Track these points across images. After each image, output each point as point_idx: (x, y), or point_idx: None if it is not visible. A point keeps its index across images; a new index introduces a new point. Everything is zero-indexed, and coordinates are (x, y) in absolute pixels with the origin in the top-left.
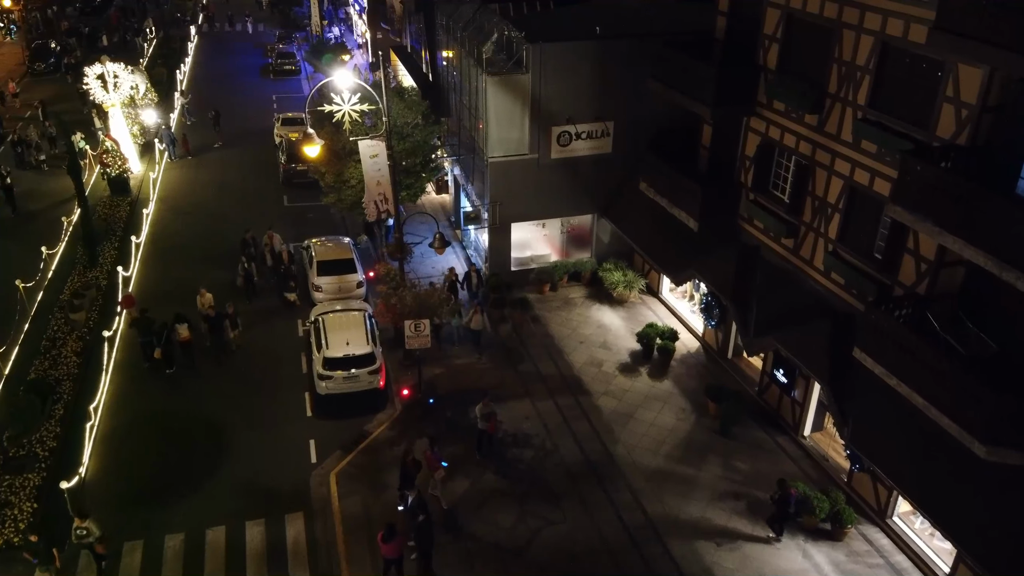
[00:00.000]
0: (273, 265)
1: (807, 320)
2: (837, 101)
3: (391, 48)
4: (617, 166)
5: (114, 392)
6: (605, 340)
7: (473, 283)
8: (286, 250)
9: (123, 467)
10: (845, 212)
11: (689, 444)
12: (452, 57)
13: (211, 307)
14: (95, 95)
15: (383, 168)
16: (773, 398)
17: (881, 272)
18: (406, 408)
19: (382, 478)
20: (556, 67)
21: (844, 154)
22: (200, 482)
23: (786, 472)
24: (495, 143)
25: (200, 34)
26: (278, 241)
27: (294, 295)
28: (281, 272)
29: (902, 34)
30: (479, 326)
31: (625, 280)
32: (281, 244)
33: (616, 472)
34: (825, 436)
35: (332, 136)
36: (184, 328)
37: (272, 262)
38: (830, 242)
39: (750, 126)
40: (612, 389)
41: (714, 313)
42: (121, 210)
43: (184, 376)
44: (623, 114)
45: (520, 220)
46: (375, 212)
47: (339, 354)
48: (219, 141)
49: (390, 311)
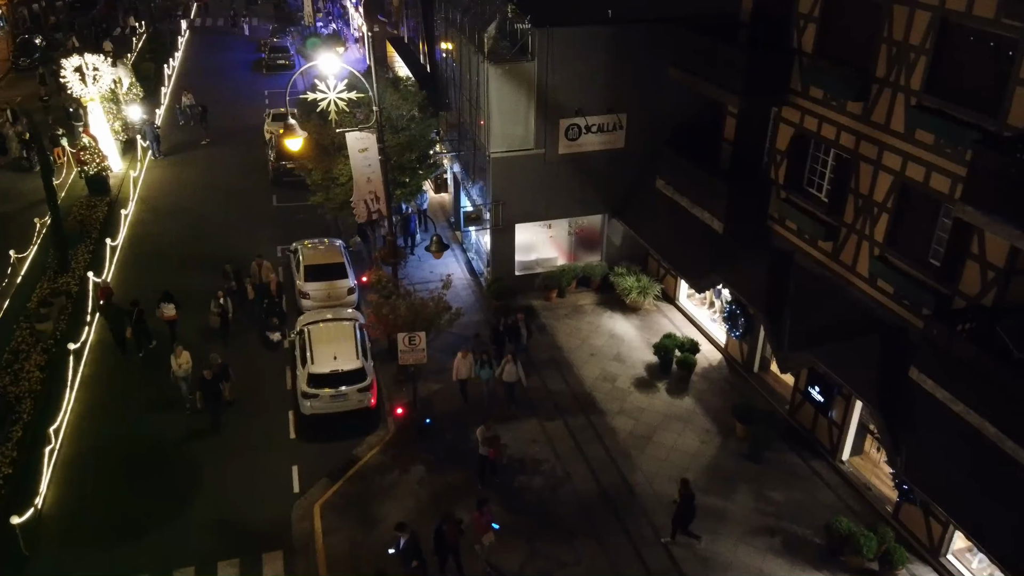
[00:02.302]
0: (257, 298)
1: (850, 334)
2: (886, 87)
3: (388, 40)
4: (630, 163)
5: (79, 411)
6: (618, 352)
7: (523, 334)
8: (275, 280)
9: (85, 498)
10: (895, 212)
11: (715, 471)
12: (451, 47)
13: (190, 367)
14: (73, 89)
15: (374, 163)
16: (807, 418)
17: (939, 281)
18: (400, 429)
19: (372, 511)
20: (564, 54)
21: (894, 146)
22: (169, 515)
23: (825, 503)
24: (498, 137)
25: (192, 28)
26: (268, 270)
27: (278, 334)
28: (265, 306)
29: (965, 8)
30: (513, 377)
31: (639, 286)
32: (271, 273)
33: (635, 504)
34: (866, 461)
35: (319, 129)
36: (170, 308)
37: (255, 295)
38: (877, 246)
39: (782, 116)
40: (628, 407)
41: (739, 323)
42: (98, 211)
43: (155, 396)
44: (638, 106)
45: (525, 221)
46: (365, 212)
47: (325, 370)
48: (206, 138)
49: (382, 322)
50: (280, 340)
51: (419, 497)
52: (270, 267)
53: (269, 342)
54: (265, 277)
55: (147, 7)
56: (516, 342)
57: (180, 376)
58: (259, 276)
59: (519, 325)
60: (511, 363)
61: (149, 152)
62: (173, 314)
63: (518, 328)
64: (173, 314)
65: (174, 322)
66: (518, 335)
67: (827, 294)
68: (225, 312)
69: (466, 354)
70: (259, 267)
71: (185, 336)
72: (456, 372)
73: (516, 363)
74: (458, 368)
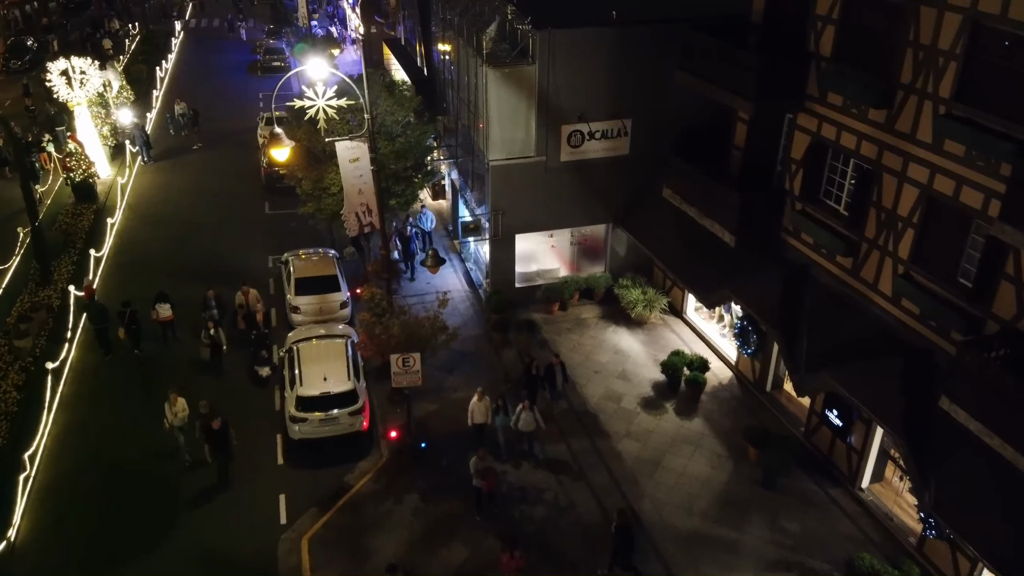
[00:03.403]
0: (245, 329)
1: (872, 356)
2: (912, 93)
3: (384, 42)
4: (635, 170)
5: (56, 435)
6: (624, 369)
7: (559, 379)
8: (262, 310)
9: (60, 529)
10: (921, 227)
11: (728, 499)
12: (449, 49)
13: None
14: (59, 93)
15: (365, 174)
16: (823, 442)
17: (970, 302)
18: (394, 454)
19: (364, 544)
20: (567, 57)
21: (921, 157)
22: (149, 547)
23: (844, 534)
24: (497, 144)
25: (187, 30)
26: (254, 298)
27: (267, 368)
28: (254, 338)
29: (1000, 10)
30: (530, 427)
31: (645, 299)
32: (258, 302)
33: (643, 536)
34: (887, 489)
35: (310, 136)
36: (165, 308)
37: (245, 325)
38: (901, 263)
39: (798, 124)
40: (634, 430)
41: (751, 339)
42: (84, 219)
43: (135, 418)
44: (643, 111)
45: (525, 231)
46: (356, 225)
47: (315, 392)
48: (198, 143)
49: (374, 342)
50: (269, 375)
51: (413, 529)
52: (257, 296)
53: (257, 377)
54: (252, 307)
55: (140, 8)
56: (551, 388)
57: (176, 426)
58: (245, 305)
59: (555, 369)
60: (527, 411)
61: (139, 158)
62: (169, 315)
63: (553, 372)
64: (169, 315)
65: (170, 324)
66: (553, 380)
67: (846, 313)
68: (217, 344)
69: (481, 396)
70: (245, 296)
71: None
72: (471, 416)
73: (533, 411)
74: (473, 412)
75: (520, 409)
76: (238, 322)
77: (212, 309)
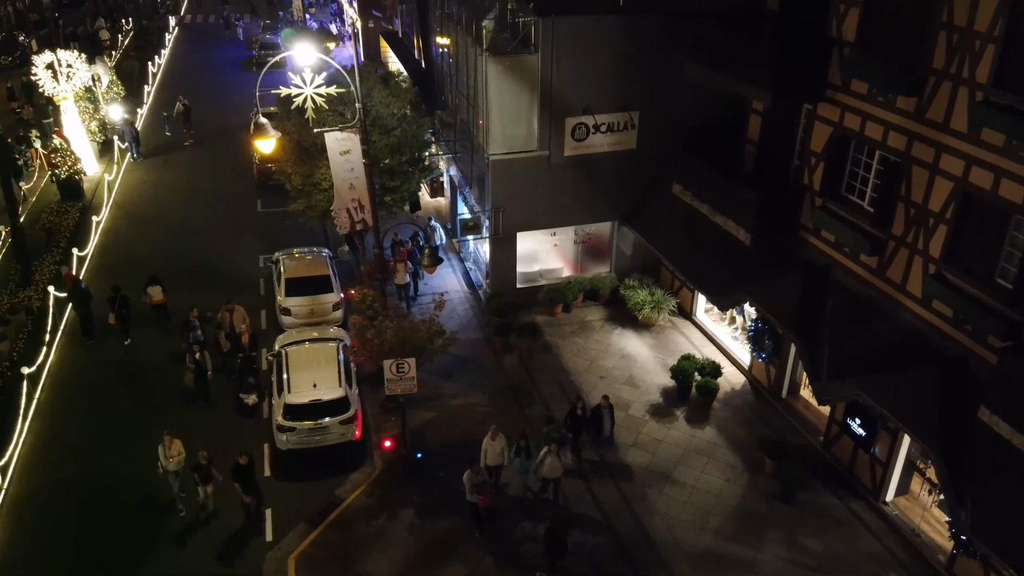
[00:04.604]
0: (231, 351)
1: (901, 363)
2: (945, 79)
3: (381, 35)
4: (643, 166)
5: (32, 444)
6: (631, 375)
7: (607, 425)
8: (248, 331)
9: (32, 549)
10: (955, 224)
11: (743, 515)
12: (448, 41)
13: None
14: (45, 87)
15: (357, 168)
16: (844, 453)
17: (1009, 305)
18: (388, 465)
19: (356, 563)
20: (571, 46)
21: (955, 148)
22: (126, 566)
23: (868, 552)
24: (497, 138)
25: (182, 26)
26: (240, 318)
27: (253, 396)
28: (240, 362)
29: None
30: (556, 471)
31: (652, 300)
32: (243, 322)
33: (654, 556)
34: (913, 503)
35: (300, 129)
36: (156, 290)
37: (230, 347)
38: (932, 262)
39: (819, 114)
40: (643, 440)
41: (765, 343)
42: (69, 217)
43: (116, 428)
44: (651, 104)
45: (527, 229)
46: (348, 223)
47: (304, 399)
48: (189, 139)
49: (366, 348)
50: (257, 403)
51: (408, 547)
52: (243, 315)
53: (244, 407)
54: (237, 328)
55: (133, 5)
56: (597, 433)
57: (172, 470)
58: (229, 326)
59: (602, 412)
60: (553, 455)
61: (128, 154)
62: (161, 298)
63: (600, 414)
64: (161, 298)
65: (162, 307)
66: (600, 423)
67: (871, 316)
68: (202, 369)
69: (495, 435)
70: (229, 314)
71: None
72: (483, 457)
73: (560, 456)
74: (486, 452)
75: (545, 452)
76: (220, 343)
77: (196, 331)
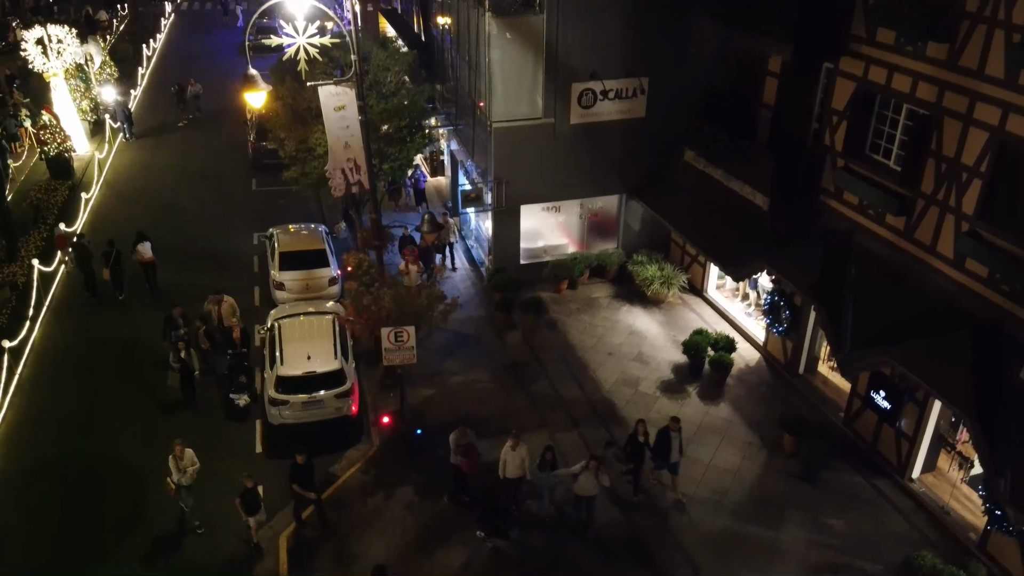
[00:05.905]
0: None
1: (931, 326)
2: (979, 22)
3: (380, 13)
4: (653, 134)
5: (12, 421)
6: (640, 351)
7: (674, 451)
8: (238, 325)
9: (13, 529)
10: (991, 177)
11: (762, 494)
12: (449, 8)
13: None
14: (34, 63)
15: (352, 125)
16: (867, 429)
17: None
18: (386, 443)
19: (349, 546)
20: (578, 7)
21: (991, 95)
22: (111, 548)
23: (896, 532)
24: (500, 105)
25: (178, 12)
26: (228, 310)
27: (245, 396)
28: (229, 358)
29: None
30: (591, 490)
31: (662, 276)
32: (233, 316)
33: (668, 537)
34: (940, 480)
35: (294, 93)
36: (146, 247)
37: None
38: (965, 219)
39: (841, 69)
40: (654, 416)
41: (782, 316)
42: (58, 195)
43: (101, 406)
44: (662, 69)
45: (531, 202)
46: (343, 184)
47: (297, 372)
48: (183, 120)
49: (363, 316)
50: (248, 404)
51: (405, 528)
52: (232, 306)
53: (234, 408)
54: (227, 321)
55: None
56: (664, 459)
57: (184, 485)
58: (217, 319)
59: (670, 435)
60: (589, 471)
61: (120, 134)
62: (150, 256)
63: (668, 438)
64: (150, 256)
65: (151, 265)
66: (666, 449)
67: (898, 280)
68: (188, 368)
69: (516, 444)
70: (217, 307)
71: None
72: (502, 467)
73: (598, 473)
74: (504, 463)
75: (583, 467)
76: (201, 340)
77: (180, 329)
